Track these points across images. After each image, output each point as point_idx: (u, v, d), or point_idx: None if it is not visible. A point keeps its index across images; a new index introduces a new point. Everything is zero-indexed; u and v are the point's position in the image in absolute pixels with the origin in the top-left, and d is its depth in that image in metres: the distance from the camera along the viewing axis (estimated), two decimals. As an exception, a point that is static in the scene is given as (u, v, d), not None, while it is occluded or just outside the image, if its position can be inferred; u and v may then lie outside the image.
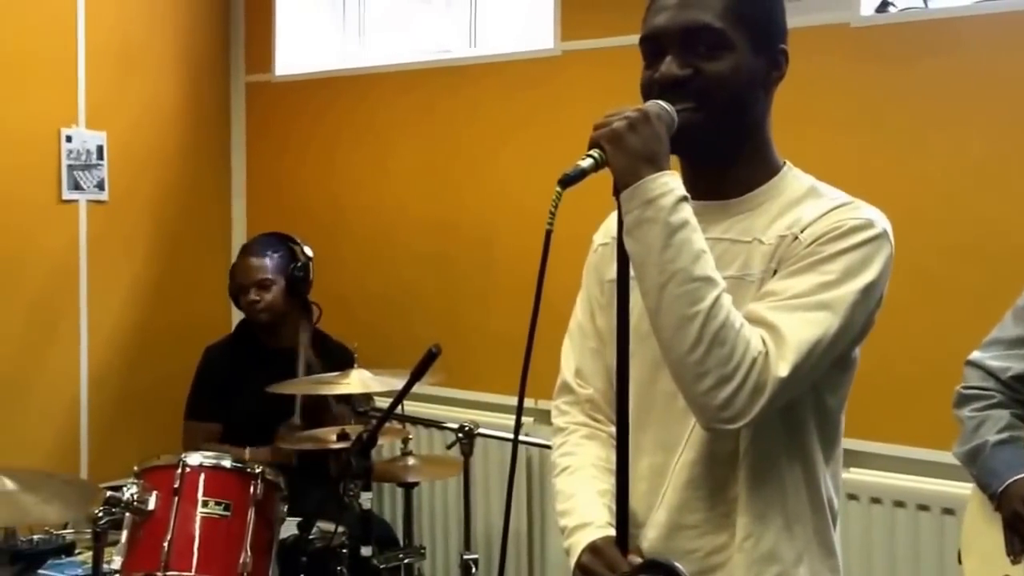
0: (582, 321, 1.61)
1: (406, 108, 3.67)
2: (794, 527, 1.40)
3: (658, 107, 1.35)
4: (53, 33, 3.47)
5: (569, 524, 1.48)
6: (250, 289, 3.25)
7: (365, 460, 2.23)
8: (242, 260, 3.31)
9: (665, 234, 1.28)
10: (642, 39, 1.45)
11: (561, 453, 1.59)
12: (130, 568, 2.23)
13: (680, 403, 1.37)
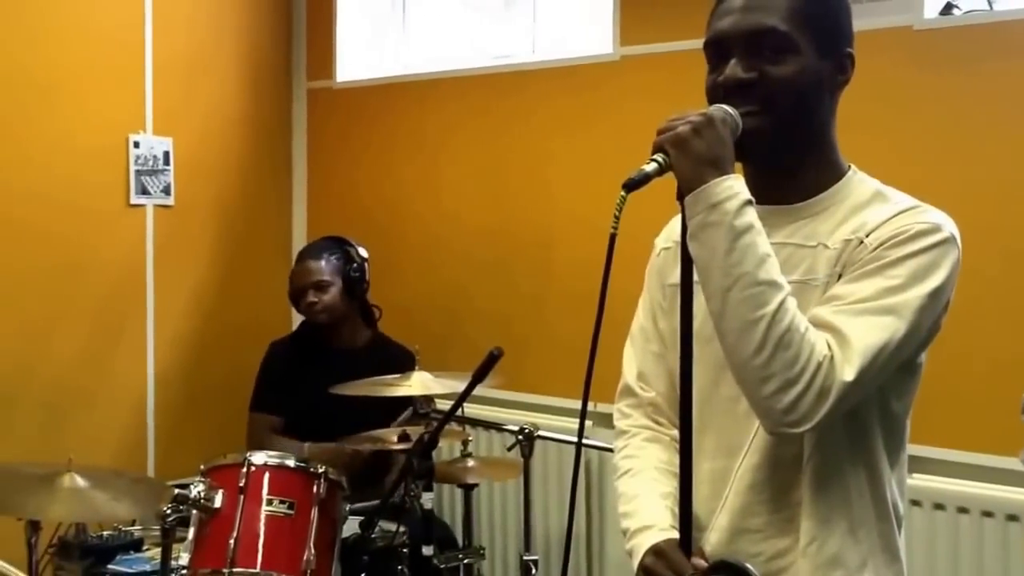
0: (644, 324, 1.61)
1: (465, 114, 3.70)
2: (858, 532, 1.40)
3: (722, 111, 1.35)
4: (122, 42, 3.56)
5: (632, 526, 1.49)
6: (308, 291, 3.31)
7: (427, 461, 2.25)
8: (300, 264, 3.37)
9: (730, 238, 1.28)
10: (706, 43, 1.46)
11: (623, 456, 1.60)
12: (197, 564, 2.26)
13: (742, 407, 1.37)
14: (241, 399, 3.44)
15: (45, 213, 3.32)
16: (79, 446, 2.72)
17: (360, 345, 3.43)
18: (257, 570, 2.24)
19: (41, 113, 3.32)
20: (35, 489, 2.34)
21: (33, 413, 3.31)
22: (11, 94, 3.24)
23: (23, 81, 3.26)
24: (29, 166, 3.29)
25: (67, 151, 3.39)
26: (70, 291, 3.42)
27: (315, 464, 2.38)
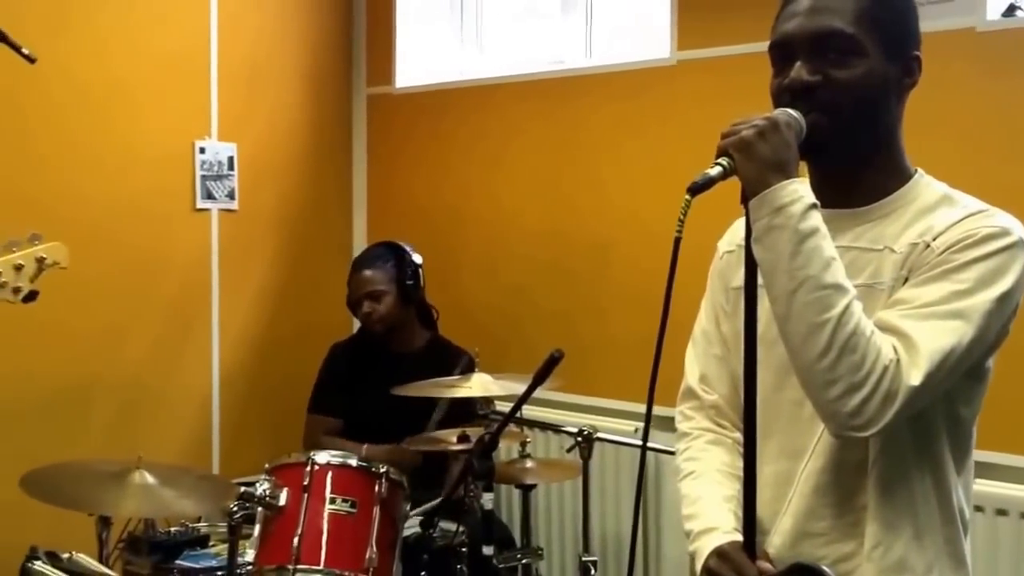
0: (707, 327, 1.62)
1: (522, 118, 3.73)
2: (924, 537, 1.39)
3: (787, 115, 1.35)
4: (189, 52, 3.64)
5: (695, 528, 1.49)
6: (363, 301, 3.34)
7: (487, 461, 2.27)
8: (354, 274, 3.40)
9: (795, 241, 1.28)
10: (771, 46, 1.46)
11: (686, 458, 1.60)
12: (262, 561, 2.31)
13: (806, 410, 1.37)
14: (302, 400, 3.50)
15: (116, 217, 3.40)
16: (148, 444, 2.80)
17: (418, 347, 3.47)
18: (321, 567, 2.27)
19: (112, 121, 3.41)
20: (106, 485, 2.41)
21: (105, 411, 3.40)
22: (84, 103, 3.32)
23: (95, 90, 3.35)
24: (101, 172, 3.38)
25: (136, 157, 3.47)
26: (140, 294, 3.50)
27: (377, 464, 2.41)
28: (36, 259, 2.33)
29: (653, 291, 3.61)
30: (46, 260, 2.35)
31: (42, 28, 2.93)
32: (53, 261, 2.37)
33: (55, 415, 3.25)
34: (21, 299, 2.31)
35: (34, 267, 2.33)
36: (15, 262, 2.29)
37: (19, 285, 2.30)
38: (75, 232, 3.09)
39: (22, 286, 2.31)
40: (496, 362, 2.96)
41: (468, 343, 3.43)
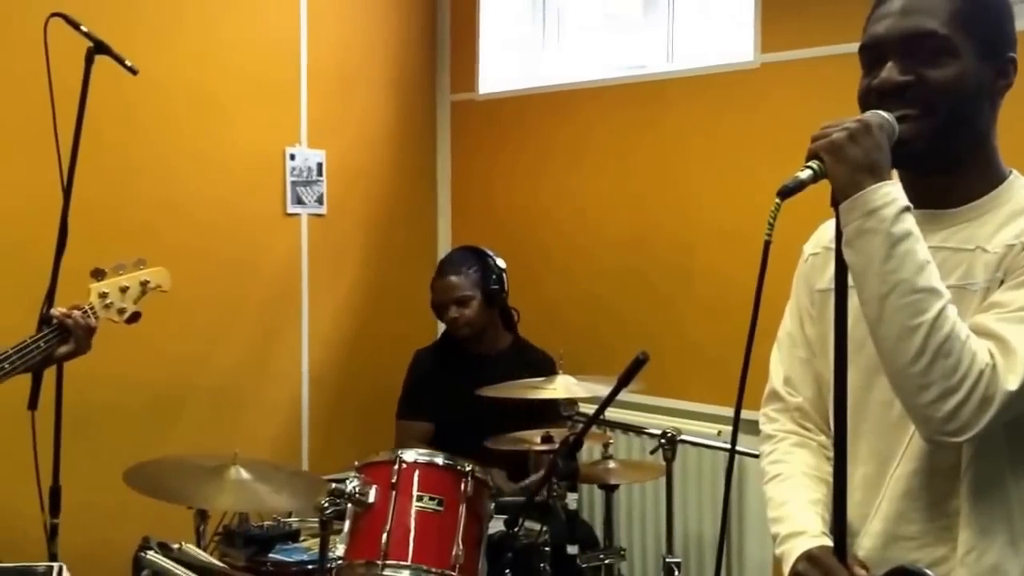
0: (791, 330, 1.61)
1: (604, 123, 3.75)
2: (1019, 543, 1.37)
3: (879, 117, 1.34)
4: (279, 60, 3.74)
5: (781, 531, 1.49)
6: (450, 307, 3.39)
7: (572, 462, 2.30)
8: (440, 279, 3.45)
9: (887, 244, 1.27)
10: (862, 47, 1.44)
11: (771, 460, 1.60)
12: (352, 556, 2.36)
13: (895, 413, 1.37)
14: (387, 400, 3.58)
15: (212, 223, 3.51)
16: (241, 441, 2.87)
17: (501, 350, 3.51)
18: (408, 563, 2.31)
19: (207, 130, 3.51)
20: (204, 480, 2.50)
21: (201, 409, 3.51)
22: (179, 114, 3.43)
23: (190, 102, 3.46)
24: (198, 180, 3.48)
25: (230, 165, 3.58)
26: (233, 296, 3.61)
27: (462, 462, 2.45)
28: (140, 282, 2.45)
29: (734, 295, 3.61)
30: (149, 283, 2.47)
31: (139, 43, 3.02)
32: (156, 284, 2.49)
33: (156, 413, 3.37)
34: (125, 320, 2.43)
35: (138, 290, 2.45)
36: (121, 284, 2.41)
37: (124, 306, 2.42)
38: (173, 239, 3.22)
39: (126, 307, 2.43)
40: (576, 365, 2.99)
41: (548, 346, 3.47)
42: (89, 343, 2.31)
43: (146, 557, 1.83)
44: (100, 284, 2.37)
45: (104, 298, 2.36)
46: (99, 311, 2.35)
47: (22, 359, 2.19)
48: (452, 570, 2.33)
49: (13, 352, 2.18)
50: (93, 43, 2.78)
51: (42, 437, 2.78)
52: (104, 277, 2.38)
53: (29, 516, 2.73)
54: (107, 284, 2.37)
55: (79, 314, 2.28)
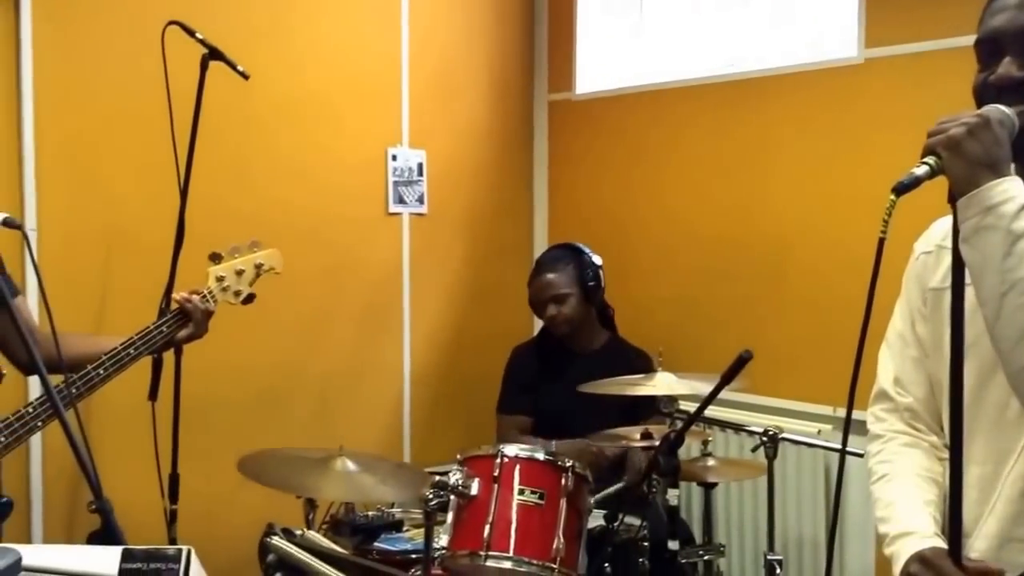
0: (902, 330, 1.60)
1: (702, 121, 3.74)
2: None
3: (999, 112, 1.32)
4: (382, 65, 3.81)
5: (891, 532, 1.48)
6: (548, 304, 3.42)
7: (673, 459, 2.31)
8: (539, 277, 3.47)
9: (1007, 242, 1.25)
10: (978, 40, 1.42)
11: (879, 460, 1.59)
12: (456, 546, 2.39)
13: (1012, 412, 1.35)
14: (486, 394, 3.63)
15: (317, 222, 3.60)
16: (346, 434, 2.95)
17: (598, 347, 3.53)
18: (510, 554, 2.34)
19: (312, 132, 3.61)
20: (312, 471, 2.56)
21: (308, 402, 3.61)
22: (287, 117, 3.54)
23: (297, 105, 3.56)
24: (304, 181, 3.59)
25: (334, 166, 3.68)
26: (338, 293, 3.70)
27: (563, 458, 2.49)
28: (255, 265, 2.53)
29: (831, 293, 3.57)
30: (263, 266, 2.55)
31: (248, 49, 3.13)
32: (270, 267, 2.57)
33: (266, 405, 3.49)
34: (241, 301, 2.52)
35: (253, 272, 2.53)
36: (237, 267, 2.50)
37: (240, 289, 2.51)
38: (280, 237, 3.31)
39: (242, 289, 2.51)
40: (670, 362, 2.99)
41: (644, 344, 3.49)
42: (206, 326, 2.40)
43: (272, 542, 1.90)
44: (217, 268, 2.45)
45: (221, 281, 2.45)
46: (217, 294, 2.44)
47: (145, 344, 2.30)
48: (553, 562, 2.35)
49: (137, 338, 2.28)
50: (208, 49, 2.91)
51: (162, 427, 2.92)
52: (221, 260, 2.46)
53: (150, 502, 2.87)
54: (224, 267, 2.46)
55: (198, 298, 2.37)
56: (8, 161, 2.95)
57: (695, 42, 3.88)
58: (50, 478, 3.02)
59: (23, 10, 2.94)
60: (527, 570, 2.35)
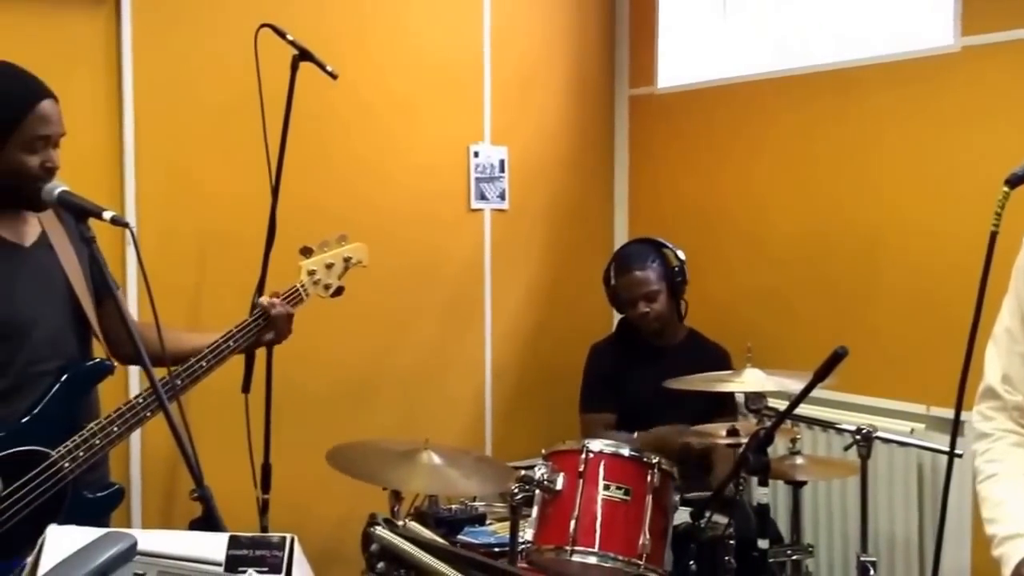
0: (1010, 326, 1.57)
1: (788, 115, 3.69)
2: None
3: None
4: (464, 63, 3.85)
5: (999, 533, 1.46)
6: (639, 302, 3.40)
7: (763, 456, 2.29)
8: (627, 275, 3.44)
9: None
10: None
11: (987, 459, 1.57)
12: (541, 541, 2.43)
13: None
14: (565, 390, 3.64)
15: (401, 219, 3.65)
16: (429, 427, 3.00)
17: (677, 342, 3.52)
18: (596, 550, 2.36)
19: (396, 131, 3.66)
20: (398, 464, 2.61)
21: (393, 396, 3.67)
22: (374, 113, 3.59)
23: (381, 104, 3.61)
24: (387, 176, 3.64)
25: (418, 163, 3.72)
26: (421, 288, 3.74)
27: (649, 455, 2.48)
28: (343, 258, 2.59)
29: (927, 288, 3.49)
30: (352, 259, 2.61)
31: (335, 49, 3.18)
32: (357, 260, 2.63)
33: (353, 399, 3.55)
34: (330, 294, 2.58)
35: (342, 266, 2.59)
36: (327, 260, 2.56)
37: (330, 282, 2.57)
38: (367, 234, 3.38)
39: (332, 283, 2.57)
40: (756, 358, 2.95)
41: (728, 340, 3.46)
42: (289, 328, 2.46)
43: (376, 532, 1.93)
44: (308, 262, 2.52)
45: (312, 275, 2.51)
46: (308, 288, 2.50)
47: (243, 336, 2.37)
48: (639, 559, 2.36)
49: (236, 331, 2.36)
50: (298, 51, 2.97)
51: (254, 418, 3.00)
52: (311, 255, 2.53)
53: (242, 491, 2.95)
54: (314, 261, 2.52)
55: (279, 301, 2.42)
56: (110, 161, 3.06)
57: (783, 32, 3.82)
58: (148, 467, 3.12)
59: (124, 17, 3.04)
60: (612, 566, 2.37)
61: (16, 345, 2.08)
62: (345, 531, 3.11)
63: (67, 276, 2.18)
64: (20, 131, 2.03)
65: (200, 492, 1.76)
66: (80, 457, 2.09)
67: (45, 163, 2.06)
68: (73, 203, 1.99)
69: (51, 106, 2.08)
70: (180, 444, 1.76)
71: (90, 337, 2.26)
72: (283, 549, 1.30)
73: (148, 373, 1.83)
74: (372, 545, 1.94)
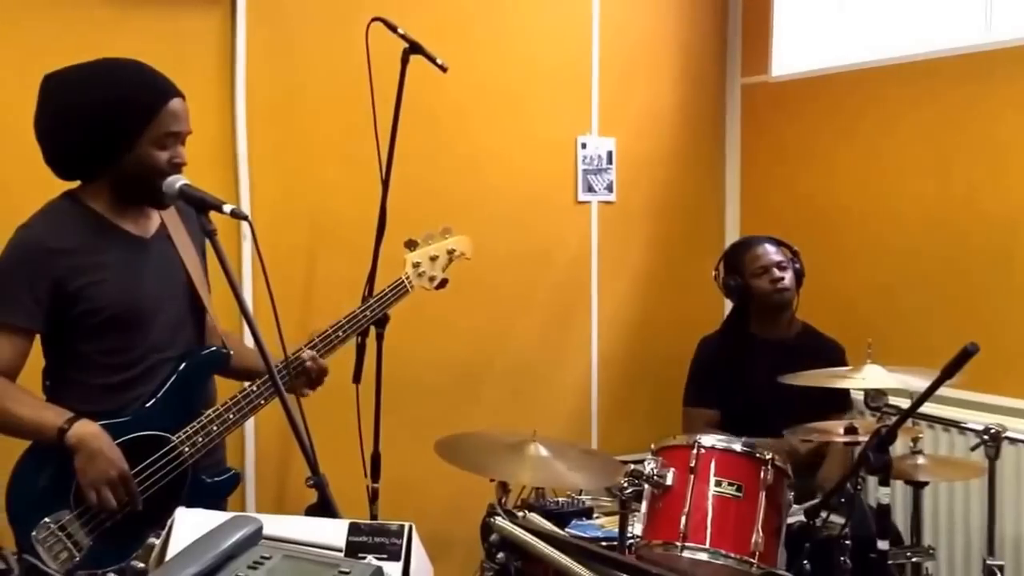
0: None
1: (911, 103, 3.56)
2: None
3: None
4: (572, 51, 3.84)
5: None
6: (771, 268, 3.32)
7: (884, 455, 2.22)
8: (754, 247, 3.38)
9: None
10: None
11: None
12: (650, 536, 2.39)
13: None
14: (672, 384, 3.59)
15: (510, 211, 3.67)
16: (535, 419, 2.99)
17: (788, 336, 3.43)
18: (707, 546, 2.31)
19: (505, 120, 3.67)
20: (505, 455, 2.61)
21: (499, 386, 3.69)
22: (482, 105, 3.62)
23: (492, 96, 3.63)
24: (496, 168, 3.66)
25: (526, 153, 3.73)
26: (528, 280, 3.76)
27: (762, 451, 2.42)
28: (447, 251, 2.62)
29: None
30: (455, 251, 2.63)
31: (444, 41, 3.19)
32: (461, 252, 2.65)
33: (460, 390, 3.59)
34: (435, 287, 2.61)
35: (446, 258, 2.62)
36: (430, 253, 2.59)
37: (434, 274, 2.60)
38: (473, 226, 3.41)
39: (436, 275, 2.61)
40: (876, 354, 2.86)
41: (846, 335, 3.36)
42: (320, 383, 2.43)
43: (496, 523, 1.95)
44: (413, 254, 2.56)
45: (417, 267, 2.55)
46: (413, 280, 2.54)
47: (352, 327, 2.43)
48: (751, 557, 2.31)
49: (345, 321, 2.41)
50: (408, 44, 3.00)
51: (364, 408, 3.05)
52: (416, 247, 2.56)
53: (352, 479, 3.00)
54: (419, 254, 2.56)
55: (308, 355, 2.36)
56: (225, 154, 3.14)
57: (907, 16, 3.67)
58: (262, 454, 3.20)
59: (239, 14, 3.12)
60: (724, 563, 2.32)
61: (139, 334, 2.16)
62: (453, 521, 3.14)
63: (185, 267, 2.25)
64: (151, 128, 2.09)
65: (316, 479, 1.80)
66: (199, 443, 2.16)
67: (173, 159, 2.12)
68: (195, 196, 2.04)
69: (180, 104, 2.14)
70: (296, 432, 1.79)
71: (205, 327, 2.32)
72: (402, 537, 1.31)
73: (266, 361, 1.87)
74: (492, 535, 1.94)
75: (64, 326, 2.10)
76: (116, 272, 2.12)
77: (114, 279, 2.12)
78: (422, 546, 1.37)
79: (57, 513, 2.03)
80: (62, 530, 2.03)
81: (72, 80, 2.11)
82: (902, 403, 2.83)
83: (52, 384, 2.19)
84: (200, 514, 1.30)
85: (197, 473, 2.19)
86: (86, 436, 2.03)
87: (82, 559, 2.03)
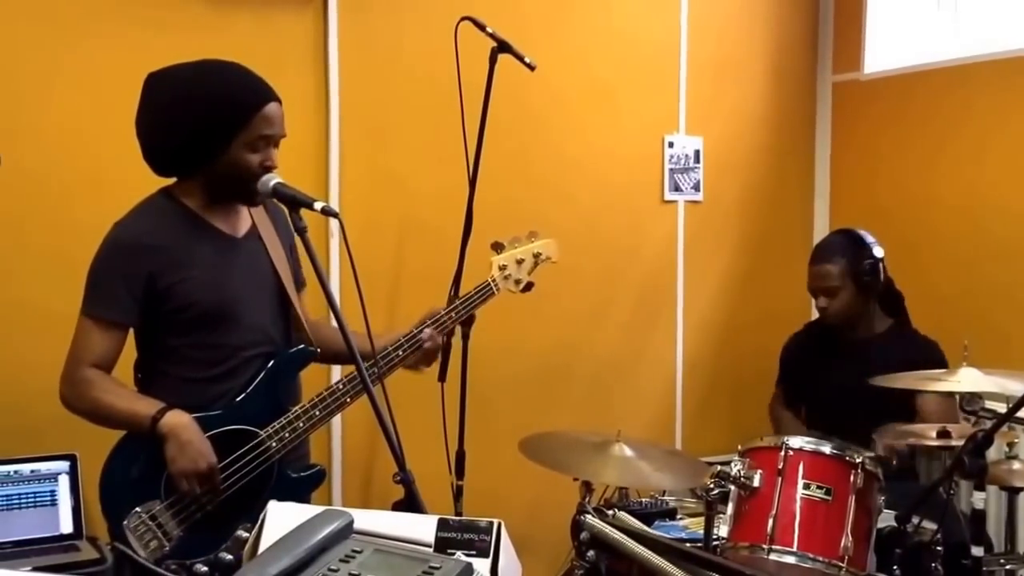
0: None
1: (1010, 100, 3.46)
2: None
3: None
4: (660, 52, 3.83)
5: None
6: (818, 295, 3.30)
7: (980, 460, 2.15)
8: (813, 265, 3.34)
9: None
10: None
11: None
12: (737, 538, 2.35)
13: None
14: (760, 385, 3.55)
15: (596, 211, 3.68)
16: (619, 419, 2.98)
17: (875, 335, 3.34)
18: (794, 549, 2.27)
19: (593, 119, 3.68)
20: (589, 454, 2.61)
21: (584, 385, 3.70)
22: (569, 103, 3.63)
23: (579, 91, 3.64)
24: (584, 167, 3.67)
25: (613, 152, 3.73)
26: (614, 280, 3.76)
27: (852, 454, 2.38)
28: (533, 254, 2.62)
29: None
30: (541, 255, 2.64)
31: (532, 40, 3.20)
32: (547, 256, 2.66)
33: (544, 389, 3.60)
34: (520, 289, 2.62)
35: (532, 261, 2.63)
36: (517, 256, 2.60)
37: (520, 277, 2.61)
38: (560, 226, 3.43)
39: (522, 278, 2.61)
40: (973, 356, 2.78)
41: (941, 336, 3.26)
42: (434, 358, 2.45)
43: (587, 521, 1.95)
44: (499, 257, 2.56)
45: (503, 270, 2.55)
46: (499, 283, 2.55)
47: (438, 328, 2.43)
48: (840, 561, 2.27)
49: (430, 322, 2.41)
50: (497, 43, 3.01)
51: (449, 407, 3.08)
52: (502, 250, 2.57)
53: (437, 477, 3.03)
54: (505, 257, 2.56)
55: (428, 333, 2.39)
56: (317, 153, 3.21)
57: (1005, 11, 3.57)
58: (348, 450, 3.26)
59: (330, 15, 3.18)
60: (812, 566, 2.28)
61: (229, 330, 2.19)
62: (536, 519, 3.15)
63: (274, 265, 2.29)
64: (246, 131, 2.12)
65: (403, 476, 1.81)
66: (285, 438, 2.19)
67: (264, 162, 2.14)
68: (287, 194, 2.08)
69: (276, 108, 2.16)
70: (384, 428, 1.81)
71: (292, 324, 2.35)
72: (490, 534, 1.31)
73: (354, 358, 1.89)
74: (582, 534, 1.94)
75: (156, 321, 2.15)
76: (206, 270, 2.16)
77: (204, 277, 2.16)
78: (511, 543, 1.37)
79: (148, 503, 2.08)
80: (153, 519, 2.08)
81: (174, 79, 2.16)
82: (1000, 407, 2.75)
83: (143, 377, 2.24)
84: (292, 508, 1.32)
85: (283, 468, 2.21)
86: (177, 426, 2.07)
87: (171, 549, 2.07)
